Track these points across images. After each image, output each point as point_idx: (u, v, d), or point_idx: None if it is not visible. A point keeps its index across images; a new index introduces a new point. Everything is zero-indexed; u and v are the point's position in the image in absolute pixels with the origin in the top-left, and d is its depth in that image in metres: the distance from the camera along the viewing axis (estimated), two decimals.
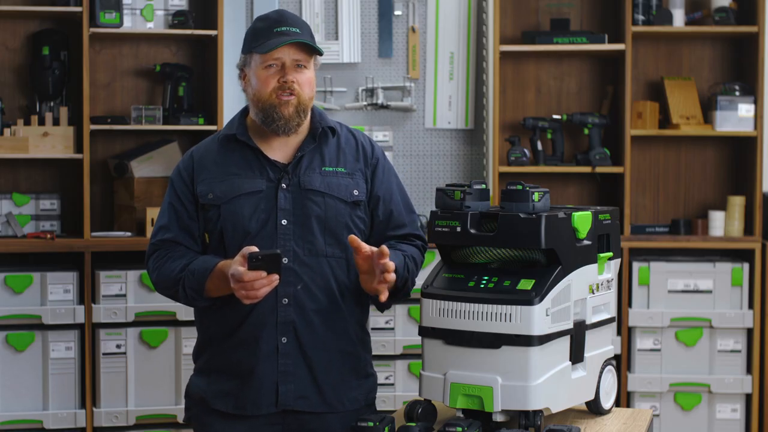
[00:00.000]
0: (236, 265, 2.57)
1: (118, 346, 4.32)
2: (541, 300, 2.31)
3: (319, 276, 2.74)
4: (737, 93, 4.69)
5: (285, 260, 2.69)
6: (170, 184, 2.86)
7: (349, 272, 2.77)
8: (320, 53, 2.78)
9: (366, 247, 2.60)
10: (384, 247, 2.60)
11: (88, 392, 4.31)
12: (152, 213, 4.36)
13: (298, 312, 2.74)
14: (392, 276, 2.61)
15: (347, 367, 2.81)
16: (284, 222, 2.74)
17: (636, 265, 4.63)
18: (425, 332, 2.44)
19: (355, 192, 2.80)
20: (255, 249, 2.58)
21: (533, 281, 2.35)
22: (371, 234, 2.84)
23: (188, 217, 2.82)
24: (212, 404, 2.80)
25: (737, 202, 4.71)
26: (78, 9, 4.33)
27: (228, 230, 2.76)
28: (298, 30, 2.75)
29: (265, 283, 2.56)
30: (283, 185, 2.76)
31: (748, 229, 4.70)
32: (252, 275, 2.55)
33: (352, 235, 2.63)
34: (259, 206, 2.74)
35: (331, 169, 2.79)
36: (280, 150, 2.81)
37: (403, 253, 2.79)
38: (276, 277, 2.57)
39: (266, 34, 2.74)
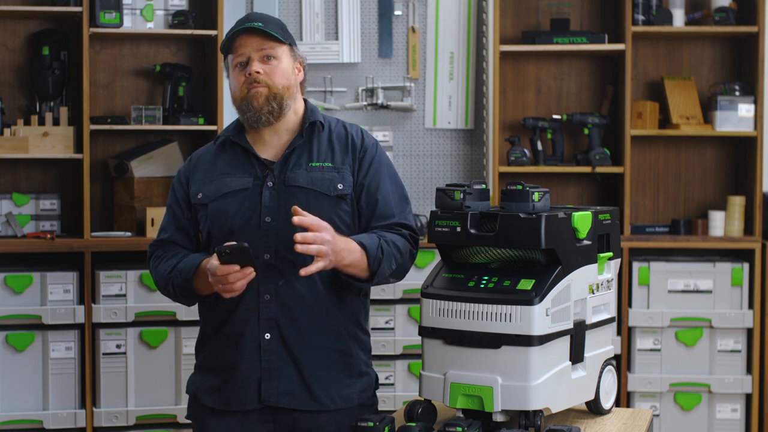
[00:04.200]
0: (212, 260, 2.61)
1: (118, 346, 4.32)
2: (541, 300, 2.32)
3: None
4: (737, 93, 4.69)
5: (267, 256, 2.73)
6: (171, 187, 2.93)
7: (336, 269, 2.75)
8: (280, 41, 2.77)
9: (296, 219, 2.58)
10: (306, 220, 2.57)
11: (88, 392, 4.31)
12: (152, 213, 4.36)
13: (281, 308, 2.75)
14: (300, 247, 2.56)
15: (337, 365, 2.81)
16: (268, 219, 2.75)
17: (636, 265, 4.63)
18: (425, 332, 2.44)
19: (340, 186, 2.80)
20: (232, 243, 2.59)
21: (533, 281, 2.35)
22: (357, 224, 2.85)
23: (184, 218, 2.88)
24: (202, 400, 2.84)
25: (737, 202, 4.71)
26: (78, 9, 4.33)
27: (214, 228, 2.80)
28: (260, 24, 2.77)
29: (240, 276, 2.59)
30: (269, 183, 2.77)
31: (748, 229, 4.70)
32: (224, 269, 2.58)
33: (294, 206, 2.60)
34: (243, 204, 2.77)
35: (317, 164, 2.81)
36: (271, 148, 2.84)
37: (380, 236, 2.77)
38: (251, 270, 2.59)
39: (232, 35, 2.79)
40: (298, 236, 2.56)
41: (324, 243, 2.58)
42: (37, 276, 4.29)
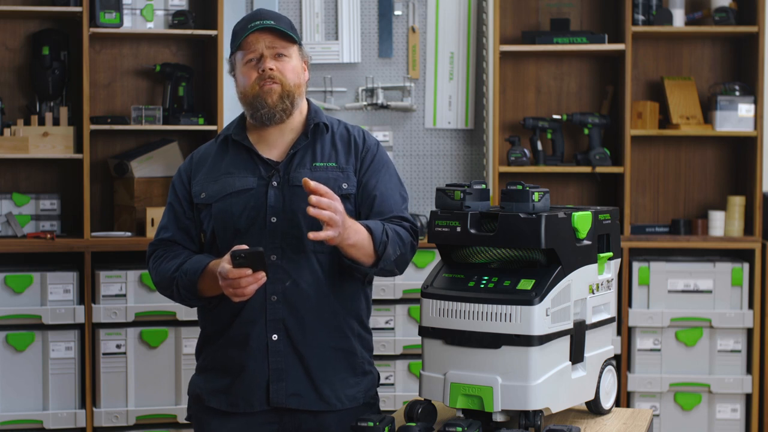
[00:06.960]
0: (223, 263, 2.59)
1: (118, 346, 4.31)
2: (541, 300, 2.31)
3: (308, 272, 2.74)
4: (737, 93, 4.69)
5: (273, 257, 2.72)
6: (171, 185, 2.91)
7: (341, 267, 2.75)
8: (294, 40, 2.78)
9: (312, 185, 2.55)
10: (321, 187, 2.54)
11: (88, 392, 4.31)
12: (152, 213, 4.36)
13: (288, 309, 2.74)
14: (313, 210, 2.52)
15: (343, 364, 2.81)
16: (273, 219, 2.75)
17: (636, 265, 4.63)
18: (425, 332, 2.44)
19: (344, 186, 2.80)
20: (244, 247, 2.58)
21: (533, 281, 2.35)
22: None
23: (186, 217, 2.86)
24: (207, 402, 2.83)
25: (737, 202, 4.71)
26: (78, 9, 4.33)
27: (219, 228, 2.79)
28: (272, 22, 2.77)
29: (252, 280, 2.57)
30: (274, 183, 2.77)
31: (748, 229, 4.70)
32: (237, 273, 2.56)
33: (305, 178, 2.57)
34: (248, 204, 2.77)
35: (322, 164, 2.81)
36: (275, 148, 2.83)
37: (383, 223, 2.75)
38: (262, 274, 2.57)
39: (242, 31, 2.78)
40: (313, 198, 2.51)
41: (336, 212, 2.56)
42: (37, 276, 4.29)
